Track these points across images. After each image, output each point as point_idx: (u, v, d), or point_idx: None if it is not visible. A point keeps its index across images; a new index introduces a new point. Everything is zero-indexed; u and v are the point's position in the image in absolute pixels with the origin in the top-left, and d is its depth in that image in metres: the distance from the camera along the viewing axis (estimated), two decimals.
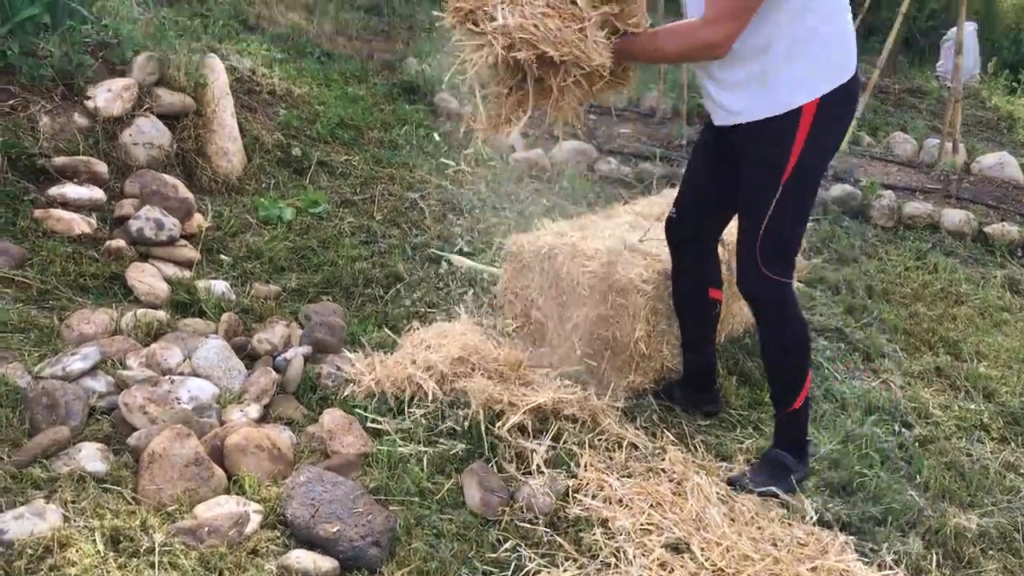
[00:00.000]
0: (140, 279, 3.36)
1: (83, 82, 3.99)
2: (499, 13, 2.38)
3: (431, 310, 3.71)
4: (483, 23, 2.41)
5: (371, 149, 5.24)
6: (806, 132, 2.50)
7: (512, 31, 2.37)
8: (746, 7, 2.37)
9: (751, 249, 2.66)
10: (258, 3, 6.71)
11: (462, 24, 2.48)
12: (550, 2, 2.42)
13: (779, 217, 2.59)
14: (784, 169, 2.54)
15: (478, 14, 2.43)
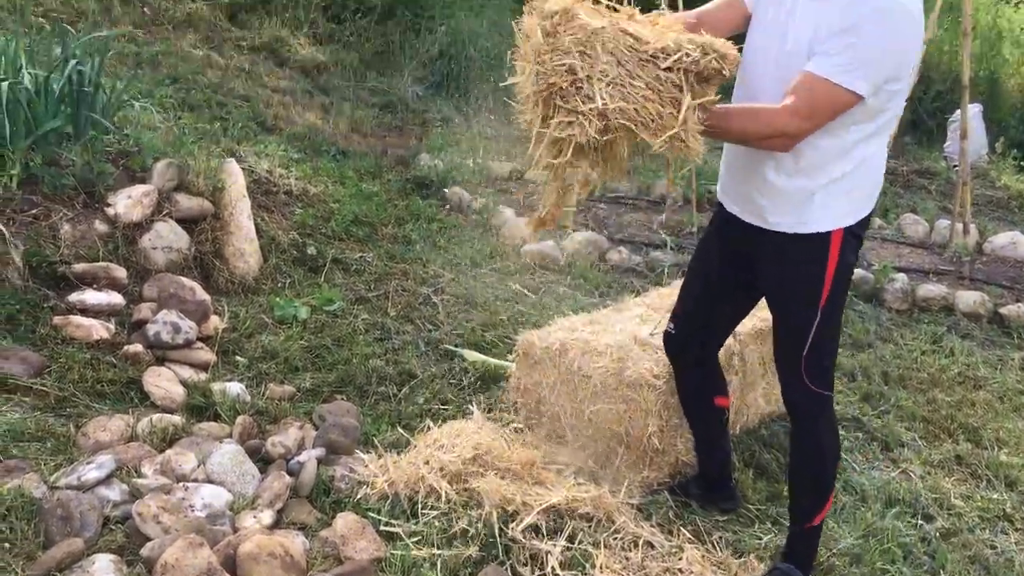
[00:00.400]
0: (156, 383, 3.40)
1: (104, 190, 4.10)
2: (598, 93, 2.17)
3: (444, 407, 3.72)
4: (575, 100, 2.19)
5: (385, 245, 5.32)
6: (836, 257, 2.54)
7: (610, 114, 2.17)
8: (832, 109, 2.35)
9: (796, 370, 2.67)
10: (275, 104, 6.89)
11: (548, 100, 2.23)
12: (650, 83, 2.21)
13: (819, 337, 2.62)
14: (821, 295, 2.57)
15: (569, 91, 2.20)
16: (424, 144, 7.30)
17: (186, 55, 7.06)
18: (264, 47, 7.90)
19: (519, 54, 2.39)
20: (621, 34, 2.20)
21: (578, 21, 2.20)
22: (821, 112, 2.34)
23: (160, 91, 6.01)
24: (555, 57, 2.20)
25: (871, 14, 2.28)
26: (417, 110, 7.99)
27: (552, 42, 2.21)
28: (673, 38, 2.23)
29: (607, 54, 2.18)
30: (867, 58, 2.30)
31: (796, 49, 2.42)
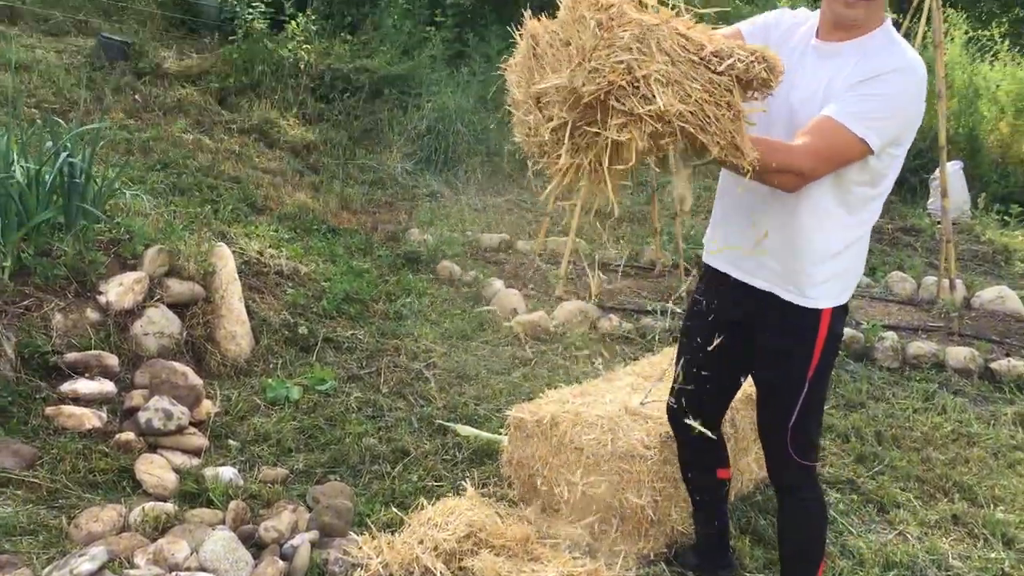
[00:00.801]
0: (149, 471, 3.40)
1: (95, 278, 4.15)
2: (658, 93, 2.01)
3: (439, 484, 3.71)
4: (631, 101, 2.03)
5: (376, 321, 5.35)
6: (826, 331, 2.57)
7: (672, 117, 2.03)
8: (845, 156, 2.37)
9: (782, 442, 2.68)
10: (266, 185, 6.99)
11: (603, 102, 2.06)
12: (704, 85, 2.08)
13: (805, 410, 2.63)
14: (809, 367, 2.59)
15: (627, 90, 2.03)
16: (413, 219, 7.39)
17: (177, 140, 7.18)
18: (254, 129, 8.04)
19: (512, 64, 2.33)
20: (675, 33, 2.08)
21: (631, 16, 2.05)
22: (834, 157, 2.37)
23: (151, 177, 6.11)
24: (611, 54, 2.03)
25: (890, 72, 2.35)
26: (406, 185, 8.10)
27: (607, 37, 2.04)
28: (723, 42, 2.14)
29: (662, 53, 2.04)
30: (882, 113, 2.35)
31: (807, 103, 2.45)
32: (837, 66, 2.44)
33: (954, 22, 11.68)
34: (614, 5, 2.07)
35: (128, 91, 7.87)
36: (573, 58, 2.12)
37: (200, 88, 8.39)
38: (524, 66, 2.31)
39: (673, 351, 4.36)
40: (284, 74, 8.82)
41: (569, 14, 2.15)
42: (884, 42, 2.43)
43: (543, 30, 2.25)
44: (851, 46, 2.45)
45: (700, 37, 2.13)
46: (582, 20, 2.10)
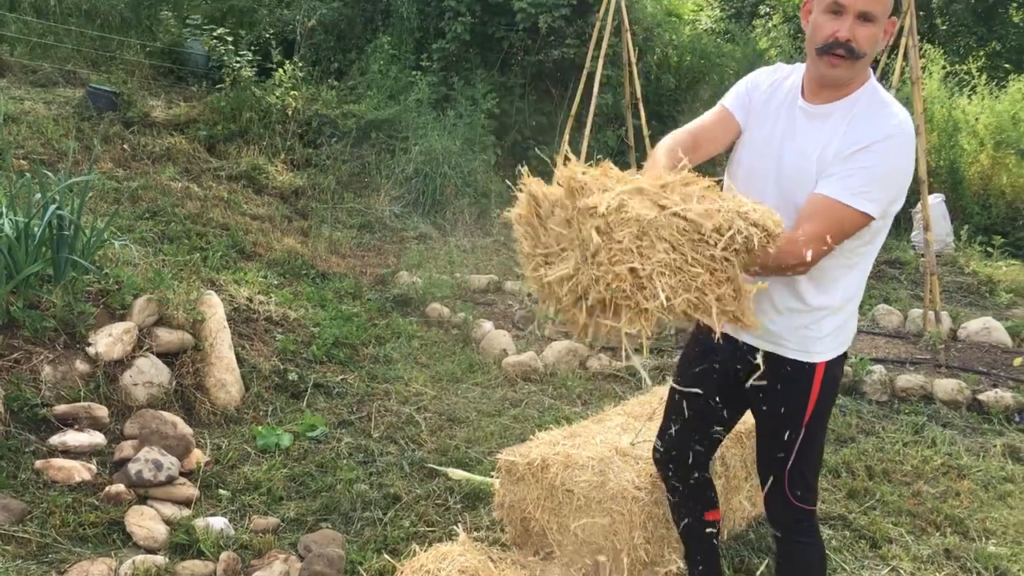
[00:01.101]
0: (139, 523, 3.38)
1: (84, 329, 4.16)
2: (660, 289, 2.07)
3: (431, 529, 3.71)
4: (637, 297, 2.08)
5: (366, 366, 5.36)
6: (822, 376, 2.58)
7: (675, 307, 2.09)
8: (847, 231, 2.39)
9: (779, 485, 2.68)
10: (254, 231, 7.02)
11: (610, 302, 2.10)
12: (705, 263, 2.12)
13: (803, 454, 2.64)
14: (805, 412, 2.59)
15: (632, 291, 2.09)
16: (402, 262, 7.42)
17: (165, 188, 7.22)
18: (242, 175, 8.08)
19: (516, 216, 2.38)
20: (674, 218, 2.11)
21: (630, 213, 2.08)
22: (838, 235, 2.38)
23: (140, 225, 6.13)
24: (613, 257, 2.08)
25: (882, 141, 2.36)
26: (394, 228, 8.14)
27: (608, 241, 2.09)
28: (724, 216, 2.13)
29: (662, 241, 2.09)
30: (877, 181, 2.36)
31: (799, 169, 2.46)
32: (829, 129, 2.45)
33: (932, 58, 11.88)
34: (616, 207, 2.09)
35: (117, 140, 7.91)
36: (573, 244, 2.19)
37: (188, 136, 8.44)
38: (528, 222, 2.38)
39: (662, 390, 4.39)
40: (272, 120, 8.89)
41: (567, 198, 2.20)
42: (873, 104, 2.44)
43: (542, 195, 2.30)
44: (839, 107, 2.46)
45: (697, 212, 2.13)
46: (581, 219, 2.14)
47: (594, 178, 2.21)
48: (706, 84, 12.17)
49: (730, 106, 2.71)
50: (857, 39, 2.36)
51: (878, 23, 2.37)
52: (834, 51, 2.38)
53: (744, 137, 2.67)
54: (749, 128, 2.66)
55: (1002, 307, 7.90)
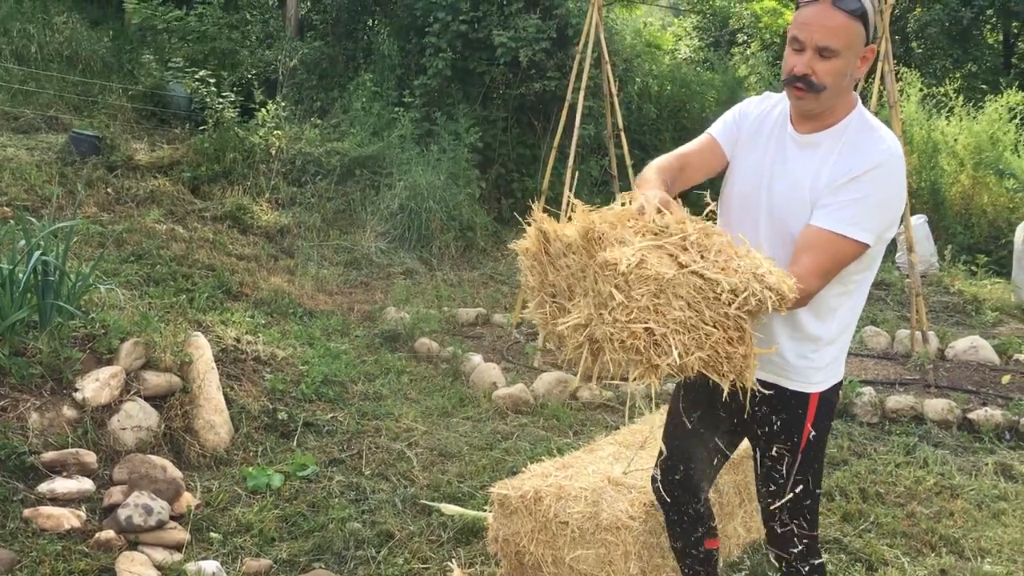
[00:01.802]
0: (130, 569, 3.35)
1: (71, 375, 4.13)
2: (675, 345, 2.08)
3: (425, 566, 3.68)
4: (650, 352, 2.09)
5: (356, 403, 5.34)
6: (817, 402, 2.58)
7: (688, 366, 2.10)
8: (844, 261, 2.40)
9: (780, 511, 2.66)
10: (241, 271, 7.02)
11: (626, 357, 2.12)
12: (718, 320, 2.12)
13: (802, 480, 2.62)
14: (802, 439, 2.58)
15: (647, 349, 2.10)
16: (389, 297, 7.43)
17: (150, 231, 7.22)
18: (227, 216, 8.09)
19: (523, 248, 2.41)
20: (692, 276, 2.12)
21: (649, 271, 2.09)
22: (835, 267, 2.39)
23: (125, 269, 6.12)
24: (630, 315, 2.10)
25: (873, 169, 2.37)
26: (381, 264, 8.15)
27: (627, 298, 2.10)
28: (741, 277, 2.13)
29: (678, 299, 2.10)
30: (871, 210, 2.38)
31: (791, 199, 2.47)
32: (819, 158, 2.46)
33: (909, 80, 12.03)
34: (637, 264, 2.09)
35: (100, 185, 7.92)
36: (587, 292, 2.23)
37: (172, 178, 8.46)
38: (536, 258, 2.42)
39: (653, 418, 4.39)
40: (255, 160, 8.92)
41: (584, 247, 2.22)
42: (861, 131, 2.45)
43: (554, 234, 2.32)
44: (829, 136, 2.47)
45: (714, 271, 2.13)
46: (598, 272, 2.16)
47: (610, 225, 2.21)
48: (687, 112, 12.30)
49: (717, 135, 2.72)
50: (817, 73, 2.38)
51: (841, 56, 2.38)
52: (795, 84, 2.42)
53: (733, 167, 2.68)
54: (736, 157, 2.67)
55: (988, 325, 7.95)
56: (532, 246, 2.43)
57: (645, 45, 13.33)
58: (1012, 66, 17.85)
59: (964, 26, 15.68)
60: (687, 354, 2.09)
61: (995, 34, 18.29)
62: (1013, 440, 5.34)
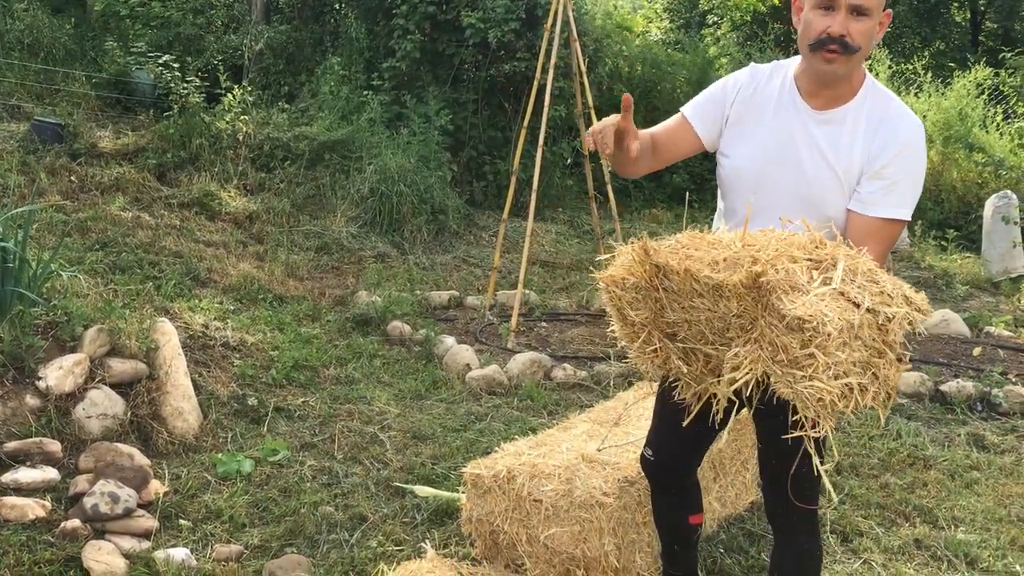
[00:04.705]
0: (96, 559, 3.28)
1: (34, 363, 4.05)
2: (857, 388, 1.99)
3: (399, 548, 3.64)
4: (838, 401, 2.00)
5: (328, 387, 5.28)
6: None
7: (866, 404, 2.03)
8: (893, 243, 2.42)
9: (782, 487, 2.60)
10: (209, 258, 6.92)
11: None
12: (881, 349, 2.03)
13: (806, 456, 2.57)
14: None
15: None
16: (361, 281, 7.35)
17: (115, 218, 7.10)
18: (194, 202, 7.97)
19: (616, 279, 2.28)
20: (867, 314, 2.00)
21: (840, 323, 1.96)
22: (890, 248, 2.43)
23: (89, 257, 6.01)
24: (828, 372, 1.97)
25: (905, 147, 2.36)
26: (352, 249, 8.07)
27: (826, 355, 1.97)
28: (898, 303, 2.05)
29: (857, 340, 2.00)
30: (910, 187, 2.39)
31: (821, 176, 2.44)
32: (847, 135, 2.43)
33: (878, 58, 12.06)
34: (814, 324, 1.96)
35: (63, 173, 7.77)
36: (754, 341, 2.10)
37: (137, 165, 8.32)
38: (647, 294, 2.25)
39: (627, 395, 4.37)
40: (223, 146, 8.79)
41: (746, 295, 2.08)
42: (880, 105, 2.43)
43: (679, 265, 2.14)
44: (850, 111, 2.44)
45: (883, 308, 2.03)
46: (778, 327, 2.03)
47: (777, 269, 2.05)
48: (658, 93, 12.28)
49: (690, 116, 2.67)
50: (851, 33, 2.33)
51: (872, 16, 2.34)
52: (827, 47, 2.35)
53: (733, 145, 2.61)
54: (732, 136, 2.61)
55: (959, 299, 8.00)
56: (639, 278, 2.25)
57: (616, 26, 13.28)
58: (979, 43, 17.98)
59: (932, 4, 15.76)
60: (865, 394, 2.01)
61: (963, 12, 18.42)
62: (985, 411, 5.37)
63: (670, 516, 3.03)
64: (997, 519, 4.01)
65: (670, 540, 3.09)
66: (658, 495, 3.00)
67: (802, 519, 2.65)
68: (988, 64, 12.79)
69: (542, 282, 8.04)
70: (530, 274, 7.66)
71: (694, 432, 2.74)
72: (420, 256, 8.23)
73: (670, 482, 2.94)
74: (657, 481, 2.96)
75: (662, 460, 2.88)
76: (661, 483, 2.95)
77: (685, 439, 2.80)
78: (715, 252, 2.17)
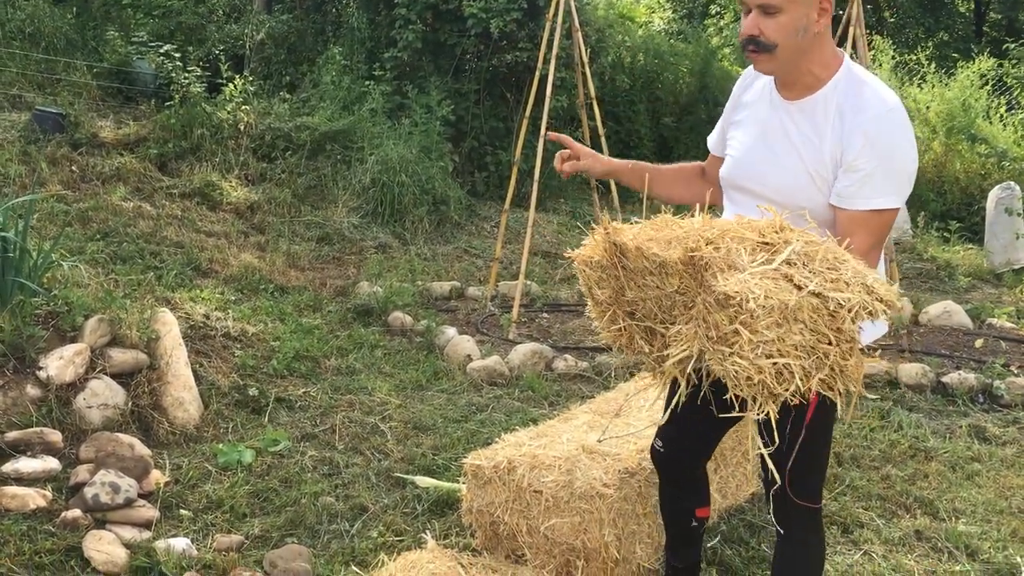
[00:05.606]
0: (97, 548, 3.28)
1: (34, 353, 4.05)
2: (797, 373, 1.99)
3: (399, 539, 3.64)
4: (774, 383, 2.01)
5: (329, 378, 5.28)
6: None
7: (810, 391, 2.03)
8: (888, 231, 2.40)
9: (782, 486, 2.57)
10: (210, 248, 6.91)
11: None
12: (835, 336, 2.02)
13: (805, 453, 2.53)
14: (807, 411, 2.49)
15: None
16: (362, 272, 7.35)
17: (116, 208, 7.08)
18: (196, 193, 7.94)
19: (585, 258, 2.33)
20: (811, 297, 2.00)
21: (772, 300, 1.97)
22: (881, 238, 2.38)
23: (90, 247, 6.01)
24: (756, 350, 1.99)
25: (878, 132, 2.33)
26: (353, 239, 8.05)
27: (752, 333, 1.98)
28: (853, 290, 2.02)
29: (798, 323, 1.99)
30: (891, 175, 2.35)
31: (795, 170, 2.43)
32: (817, 125, 2.41)
33: (881, 48, 12.02)
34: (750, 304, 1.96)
35: (65, 163, 7.76)
36: (688, 316, 2.14)
37: (139, 155, 8.29)
38: (607, 271, 2.30)
39: (628, 386, 4.36)
40: (224, 136, 8.76)
41: (687, 272, 2.11)
42: (852, 91, 2.39)
43: (636, 250, 2.19)
44: (820, 101, 2.42)
45: (834, 294, 2.00)
46: (712, 304, 2.04)
47: (711, 244, 2.08)
48: (660, 83, 12.23)
49: (711, 146, 2.79)
50: (764, 32, 2.34)
51: (785, 11, 2.32)
52: (747, 48, 2.39)
53: (730, 154, 2.65)
54: (732, 139, 2.65)
55: (961, 291, 7.99)
56: (601, 257, 2.30)
57: (618, 16, 13.23)
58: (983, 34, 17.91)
59: None
60: (808, 379, 2.00)
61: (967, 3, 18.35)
62: (986, 403, 5.36)
63: (677, 508, 3.02)
64: (998, 511, 4.00)
65: (675, 532, 3.09)
66: (666, 487, 3.00)
67: (802, 515, 2.63)
68: (992, 55, 12.73)
69: (543, 273, 8.03)
70: (531, 265, 7.65)
71: (703, 424, 2.75)
72: (421, 247, 8.22)
73: (678, 474, 2.94)
74: (665, 472, 2.96)
75: (671, 452, 2.88)
76: (669, 474, 2.95)
77: (695, 431, 2.81)
78: (673, 233, 2.20)
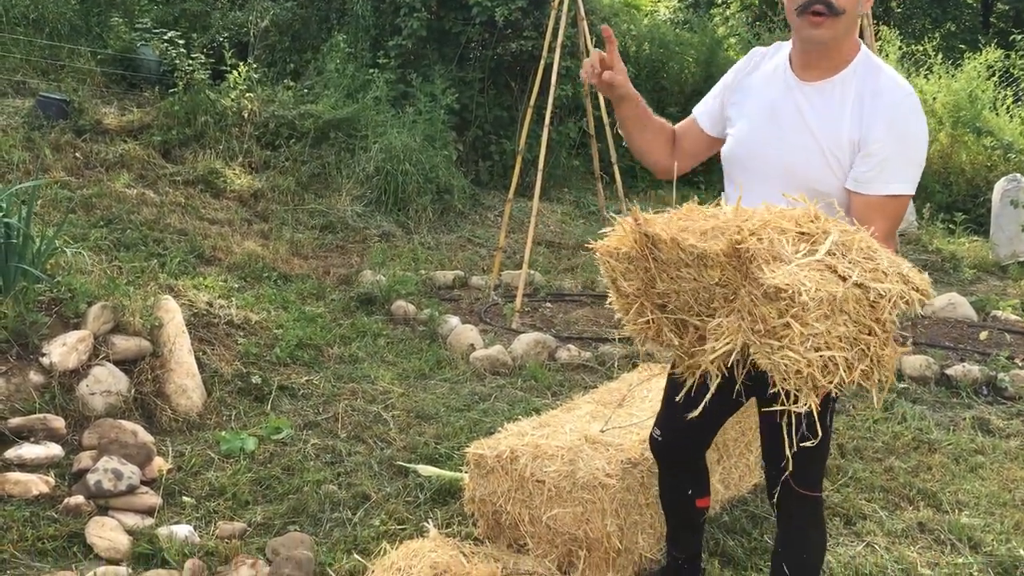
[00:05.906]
0: (100, 534, 3.29)
1: (38, 339, 4.04)
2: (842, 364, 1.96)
3: (401, 527, 3.64)
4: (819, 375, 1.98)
5: (332, 366, 5.28)
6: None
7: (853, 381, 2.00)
8: (902, 216, 2.41)
9: (781, 471, 2.55)
10: (214, 236, 6.91)
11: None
12: (874, 327, 2.00)
13: (807, 442, 2.55)
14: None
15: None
16: (366, 261, 7.34)
17: (120, 195, 7.08)
18: (199, 180, 7.95)
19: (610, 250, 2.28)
20: (855, 289, 1.97)
21: (821, 293, 1.94)
22: (897, 224, 2.40)
23: (94, 233, 6.00)
24: (806, 343, 1.96)
25: (896, 119, 2.34)
26: (357, 228, 8.05)
27: (803, 326, 1.95)
28: (892, 281, 2.00)
29: (843, 314, 1.97)
30: (908, 161, 2.37)
31: (809, 150, 2.42)
32: (835, 108, 2.41)
33: (888, 38, 11.96)
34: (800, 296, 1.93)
35: (68, 149, 7.75)
36: (737, 312, 2.09)
37: (142, 142, 8.29)
38: (636, 263, 2.26)
39: (631, 376, 4.35)
40: (228, 124, 8.75)
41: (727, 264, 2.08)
42: (871, 77, 2.40)
43: (670, 241, 2.14)
44: (839, 83, 2.42)
45: (875, 284, 1.99)
46: (758, 297, 2.01)
47: (761, 239, 2.04)
48: (665, 73, 12.19)
49: (697, 114, 2.72)
50: None
51: None
52: (812, 8, 2.34)
53: (731, 127, 2.63)
54: (731, 120, 2.63)
55: (966, 283, 7.97)
56: (630, 248, 2.25)
57: (624, 5, 13.18)
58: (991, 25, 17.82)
59: None
60: (852, 371, 1.98)
61: None
62: (990, 395, 5.35)
63: (677, 498, 3.02)
64: (1001, 503, 4.00)
65: (676, 522, 3.09)
66: (666, 476, 3.00)
67: (804, 505, 2.62)
68: (999, 46, 12.66)
69: (547, 262, 8.02)
70: (535, 254, 7.64)
71: (703, 414, 2.75)
72: (425, 236, 8.21)
73: (678, 463, 2.93)
74: (665, 462, 2.95)
75: (670, 441, 2.87)
76: (669, 464, 2.94)
77: (694, 421, 2.80)
78: (706, 224, 2.16)
